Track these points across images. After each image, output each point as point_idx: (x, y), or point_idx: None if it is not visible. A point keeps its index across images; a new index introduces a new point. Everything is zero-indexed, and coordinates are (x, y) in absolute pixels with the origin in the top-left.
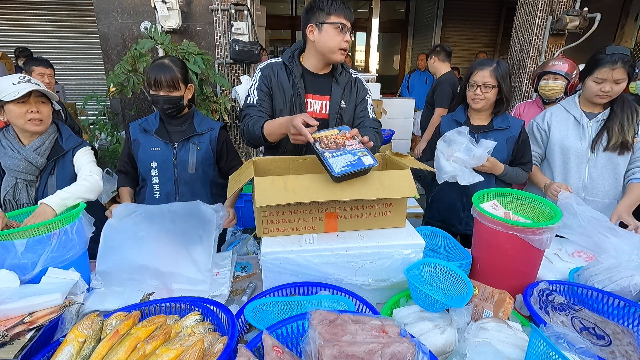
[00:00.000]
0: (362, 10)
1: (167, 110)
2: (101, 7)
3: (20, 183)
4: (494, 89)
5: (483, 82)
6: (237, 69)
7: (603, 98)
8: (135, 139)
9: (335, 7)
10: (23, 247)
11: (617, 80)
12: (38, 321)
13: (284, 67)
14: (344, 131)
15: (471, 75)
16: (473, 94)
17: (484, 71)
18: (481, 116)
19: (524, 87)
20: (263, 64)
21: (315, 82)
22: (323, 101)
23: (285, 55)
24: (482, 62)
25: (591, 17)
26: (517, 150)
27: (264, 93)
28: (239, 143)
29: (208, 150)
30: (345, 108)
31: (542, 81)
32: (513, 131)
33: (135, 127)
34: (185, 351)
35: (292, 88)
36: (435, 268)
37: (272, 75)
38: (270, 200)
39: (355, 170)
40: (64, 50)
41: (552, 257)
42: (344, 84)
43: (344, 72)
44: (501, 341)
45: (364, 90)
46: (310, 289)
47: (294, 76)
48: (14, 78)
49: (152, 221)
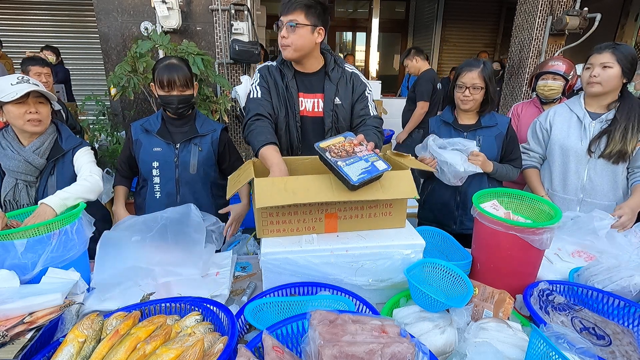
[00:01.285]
0: (362, 10)
1: (180, 109)
2: (101, 7)
3: (20, 184)
4: (482, 90)
5: (472, 83)
6: (237, 69)
7: (593, 86)
8: (137, 139)
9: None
10: (23, 247)
11: (604, 64)
12: (38, 321)
13: (278, 69)
14: (350, 138)
15: (459, 77)
16: (462, 95)
17: (472, 73)
18: (469, 116)
19: (524, 87)
20: (260, 65)
21: (306, 81)
22: (315, 99)
23: (279, 58)
24: (470, 64)
25: (591, 17)
26: (506, 147)
27: (265, 88)
28: (239, 143)
29: (210, 151)
30: (340, 105)
31: (541, 81)
32: (501, 128)
33: (137, 127)
34: (185, 351)
35: (285, 89)
36: (435, 268)
37: (268, 76)
38: (270, 201)
39: (371, 177)
40: (64, 50)
41: (552, 257)
42: (337, 80)
43: (337, 67)
44: (501, 341)
45: (362, 84)
46: (310, 289)
47: (286, 77)
48: (12, 78)
49: (146, 226)
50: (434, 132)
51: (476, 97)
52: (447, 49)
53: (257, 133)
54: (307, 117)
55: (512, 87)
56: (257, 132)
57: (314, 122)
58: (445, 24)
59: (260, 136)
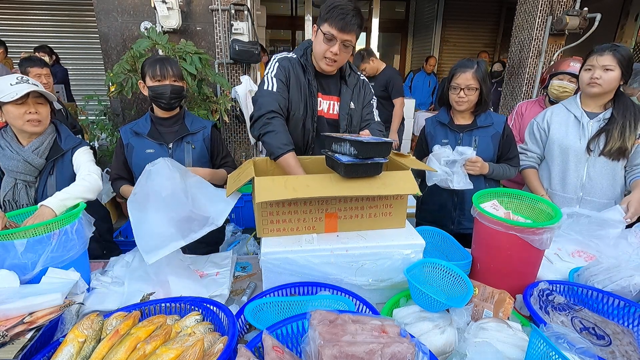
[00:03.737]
0: (362, 10)
1: (172, 101)
2: (101, 7)
3: (19, 184)
4: (476, 91)
5: (466, 84)
6: (237, 69)
7: (593, 87)
8: (127, 143)
9: (331, 16)
10: (23, 247)
11: (605, 67)
12: (38, 321)
13: (299, 64)
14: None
15: (453, 78)
16: (457, 96)
17: (466, 74)
18: (464, 116)
19: (524, 87)
20: (279, 55)
21: (324, 83)
22: (331, 101)
23: (298, 52)
24: (464, 65)
25: (591, 17)
26: (502, 146)
27: (282, 82)
28: (239, 143)
29: (203, 148)
30: (354, 109)
31: (556, 80)
32: (497, 127)
33: (127, 131)
34: (185, 351)
35: (307, 86)
36: (435, 268)
37: (290, 69)
38: (270, 195)
39: (378, 141)
40: (64, 50)
41: (552, 257)
42: (353, 85)
43: (353, 73)
44: (501, 341)
45: (371, 93)
46: (310, 289)
47: (309, 74)
48: (11, 78)
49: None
50: (430, 133)
51: (471, 98)
52: (447, 49)
53: (277, 134)
54: (323, 117)
55: (512, 87)
56: (276, 133)
57: (328, 123)
58: (445, 24)
59: (282, 139)
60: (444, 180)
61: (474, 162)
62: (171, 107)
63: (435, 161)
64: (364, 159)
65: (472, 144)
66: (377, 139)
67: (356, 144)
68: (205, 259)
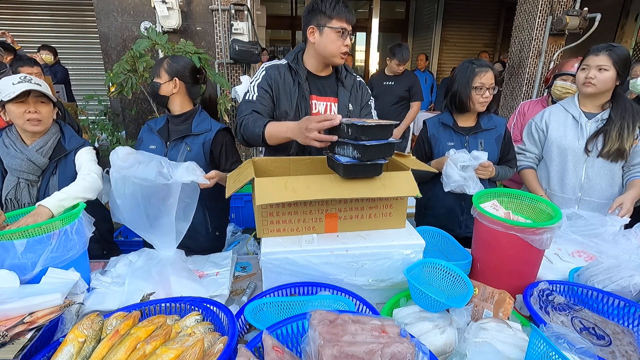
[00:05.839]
0: (362, 10)
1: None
2: (101, 7)
3: (22, 182)
4: (494, 90)
5: (490, 83)
6: (237, 69)
7: (588, 86)
8: (141, 137)
9: (337, 11)
10: (23, 247)
11: (600, 67)
12: (38, 321)
13: (289, 69)
14: None
15: (476, 78)
16: (481, 97)
17: (489, 73)
18: (467, 118)
19: (524, 87)
20: (269, 63)
21: (318, 84)
22: (328, 102)
23: (289, 57)
24: (484, 63)
25: (591, 17)
26: (503, 148)
27: (265, 91)
28: (239, 143)
29: (199, 152)
30: (352, 111)
31: (560, 81)
32: (499, 130)
33: (146, 125)
34: (185, 351)
35: (297, 90)
36: (435, 268)
37: (278, 77)
38: (270, 198)
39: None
40: (64, 50)
41: (552, 257)
42: (350, 86)
43: (349, 74)
44: (501, 341)
45: (368, 94)
46: (310, 289)
47: (299, 78)
48: (14, 78)
49: None
50: (434, 136)
51: (490, 97)
52: (447, 49)
53: (253, 121)
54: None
55: (512, 87)
56: (252, 121)
57: None
58: (445, 24)
59: (258, 121)
60: (460, 186)
61: (485, 167)
62: (160, 104)
63: (453, 166)
64: (365, 161)
65: (478, 146)
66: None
67: (359, 148)
68: (205, 259)
